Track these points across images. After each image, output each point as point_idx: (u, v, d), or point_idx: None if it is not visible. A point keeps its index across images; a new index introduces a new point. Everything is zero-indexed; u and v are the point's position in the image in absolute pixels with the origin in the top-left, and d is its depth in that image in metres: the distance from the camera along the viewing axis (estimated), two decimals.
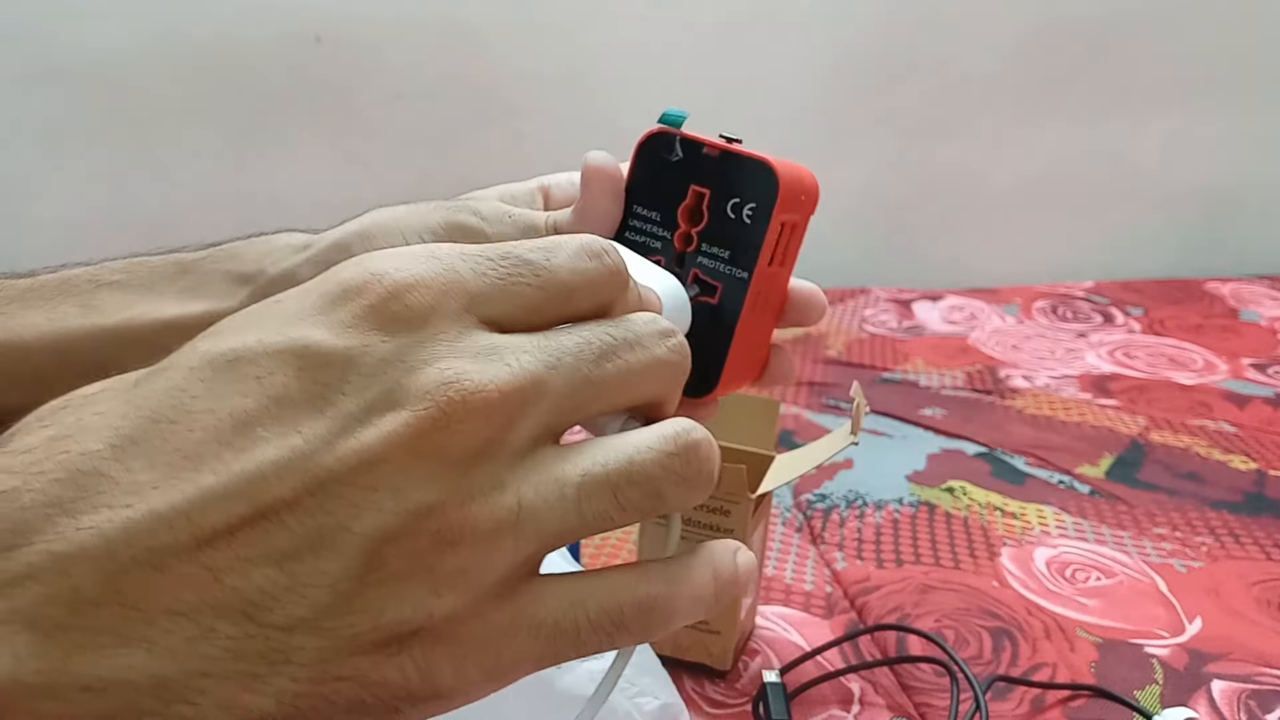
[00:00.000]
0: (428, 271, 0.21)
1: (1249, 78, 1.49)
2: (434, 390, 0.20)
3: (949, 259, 1.50)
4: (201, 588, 0.18)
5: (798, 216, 0.34)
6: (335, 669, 0.19)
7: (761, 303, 0.34)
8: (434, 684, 0.20)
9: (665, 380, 0.24)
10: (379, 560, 0.19)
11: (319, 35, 1.26)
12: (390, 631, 0.20)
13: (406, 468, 0.19)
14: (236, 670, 0.18)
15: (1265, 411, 0.98)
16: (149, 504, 0.18)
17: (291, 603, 0.19)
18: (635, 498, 0.22)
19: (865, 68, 1.42)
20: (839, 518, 0.74)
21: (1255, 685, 0.56)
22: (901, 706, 0.54)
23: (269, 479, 0.19)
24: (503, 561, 0.21)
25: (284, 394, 0.19)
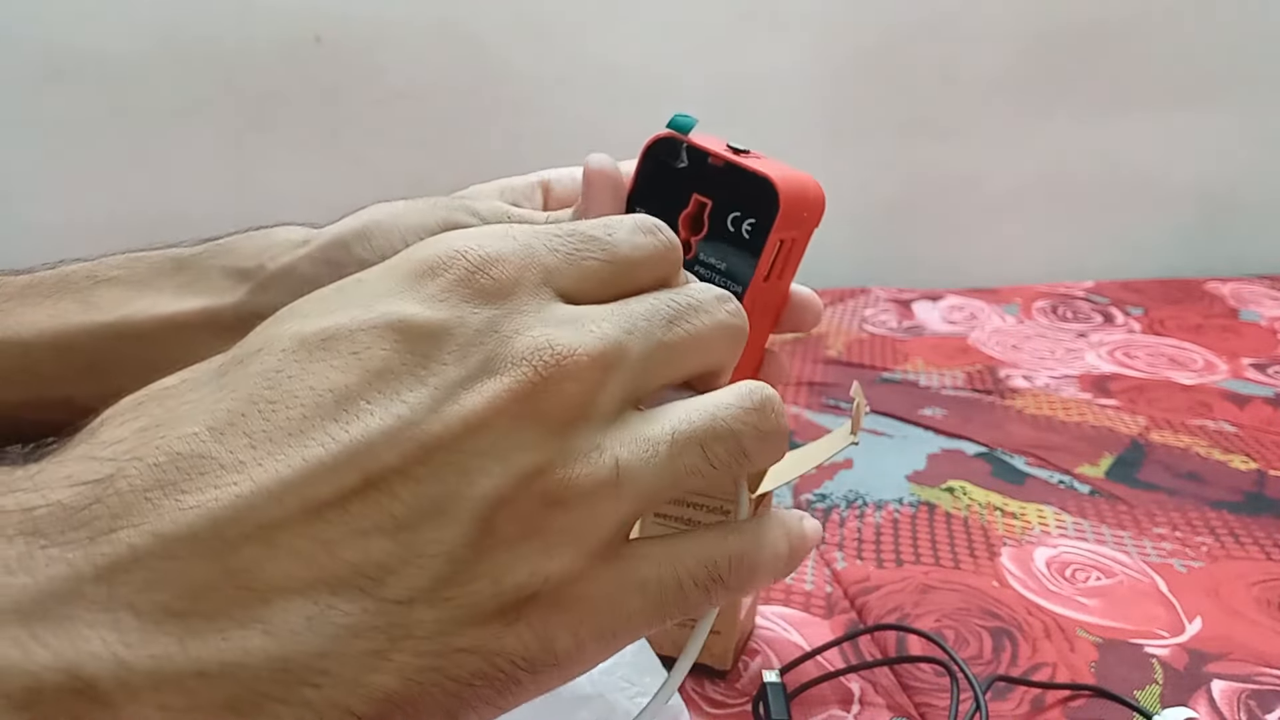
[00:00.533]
0: (507, 248, 0.22)
1: (1249, 78, 1.49)
2: (530, 355, 0.20)
3: (949, 259, 1.50)
4: (315, 563, 0.18)
5: (798, 232, 0.34)
6: (456, 640, 0.19)
7: (756, 313, 0.34)
8: (553, 650, 0.20)
9: (728, 343, 0.25)
10: (492, 525, 0.19)
11: (319, 35, 1.26)
12: (508, 598, 0.20)
13: (511, 431, 0.20)
14: (357, 648, 0.18)
15: (1265, 411, 0.98)
16: (256, 480, 0.18)
17: (409, 574, 0.18)
18: (721, 453, 0.23)
19: (865, 68, 1.42)
20: (839, 518, 0.74)
21: (1255, 685, 0.56)
22: (901, 706, 0.54)
23: (377, 448, 0.19)
24: (607, 521, 0.21)
25: (384, 366, 0.19)
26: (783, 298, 0.36)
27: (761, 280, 0.33)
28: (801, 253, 0.36)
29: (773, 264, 0.33)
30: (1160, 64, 1.47)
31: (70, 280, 0.41)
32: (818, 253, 1.41)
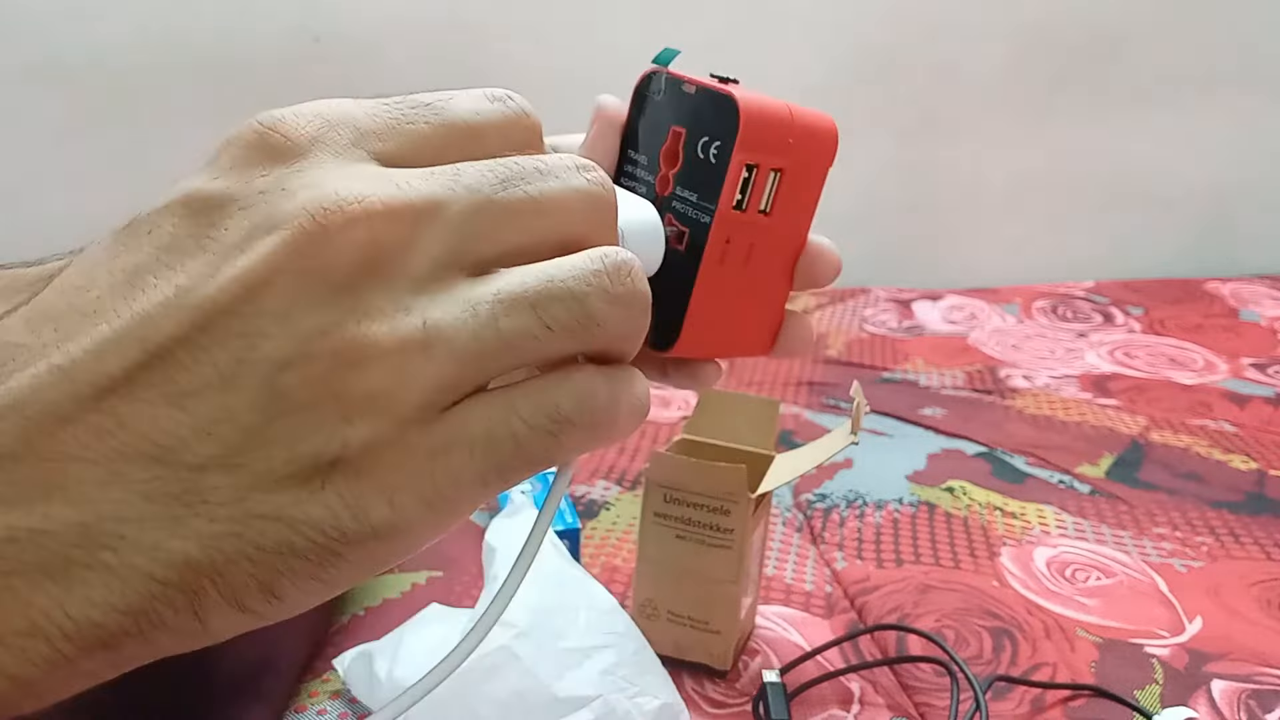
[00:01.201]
0: (311, 107, 0.21)
1: (1249, 78, 1.49)
2: (309, 205, 0.19)
3: (949, 259, 1.50)
4: (107, 434, 0.18)
5: (783, 160, 0.31)
6: (255, 506, 0.19)
7: (737, 254, 0.31)
8: (368, 519, 0.20)
9: (586, 214, 0.22)
10: (280, 389, 0.19)
11: (318, 35, 1.26)
12: (306, 463, 0.19)
13: (291, 290, 0.19)
14: (151, 513, 0.19)
15: (1265, 411, 0.98)
16: (52, 361, 0.19)
17: (198, 441, 0.19)
18: (560, 314, 0.21)
19: (865, 68, 1.42)
20: (839, 518, 0.74)
21: (1255, 685, 0.56)
22: (901, 706, 0.54)
23: (156, 319, 0.19)
24: (417, 384, 0.20)
25: (170, 241, 0.19)
26: (792, 243, 0.33)
27: (730, 208, 0.30)
28: (807, 191, 0.32)
29: (748, 192, 0.30)
30: (1161, 64, 1.47)
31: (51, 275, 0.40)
32: None
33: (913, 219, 1.51)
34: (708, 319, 0.31)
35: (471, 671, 0.43)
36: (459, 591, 0.62)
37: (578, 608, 0.47)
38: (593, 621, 0.46)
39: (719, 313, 0.32)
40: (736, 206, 0.30)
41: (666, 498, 0.54)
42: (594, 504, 0.76)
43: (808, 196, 0.33)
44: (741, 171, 0.30)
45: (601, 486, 0.79)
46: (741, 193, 0.30)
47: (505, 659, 0.43)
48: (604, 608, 0.48)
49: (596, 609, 0.47)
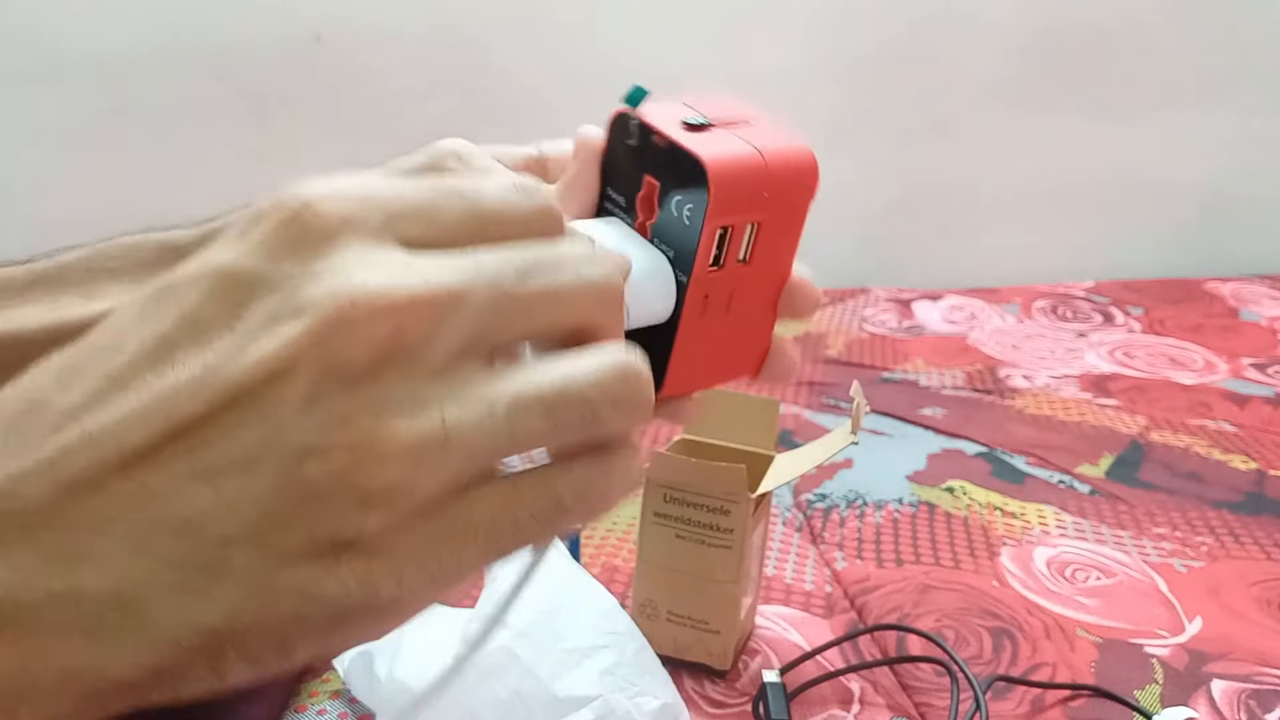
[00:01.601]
0: (342, 187, 0.21)
1: (1249, 78, 1.49)
2: (334, 295, 0.19)
3: (949, 259, 1.50)
4: (137, 504, 0.19)
5: (759, 215, 0.31)
6: (274, 581, 0.20)
7: (717, 304, 0.31)
8: (377, 595, 0.21)
9: (596, 305, 0.23)
10: (301, 476, 0.19)
11: (319, 35, 1.26)
12: (323, 545, 0.20)
13: (313, 378, 0.19)
14: (179, 582, 0.19)
15: (1265, 411, 0.98)
16: (82, 426, 0.19)
17: (224, 518, 0.19)
18: (570, 418, 0.22)
19: (865, 67, 1.42)
20: (839, 517, 0.74)
21: (1255, 685, 0.56)
22: (901, 706, 0.54)
23: (183, 396, 0.19)
24: (433, 479, 0.20)
25: (198, 315, 0.20)
26: (775, 279, 0.33)
27: (706, 269, 0.30)
28: (788, 232, 0.32)
29: (724, 248, 0.30)
30: (1160, 64, 1.47)
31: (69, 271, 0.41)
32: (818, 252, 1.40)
33: (913, 219, 1.50)
34: (692, 363, 0.32)
35: (471, 672, 0.43)
36: (459, 591, 0.62)
37: (578, 608, 0.47)
38: (593, 621, 0.46)
39: (703, 355, 0.32)
40: (714, 264, 0.31)
41: (666, 498, 0.54)
42: None
43: (789, 236, 0.33)
44: (715, 236, 0.30)
45: None
46: (718, 249, 0.31)
47: (505, 659, 0.43)
48: (604, 608, 0.48)
49: (596, 609, 0.47)
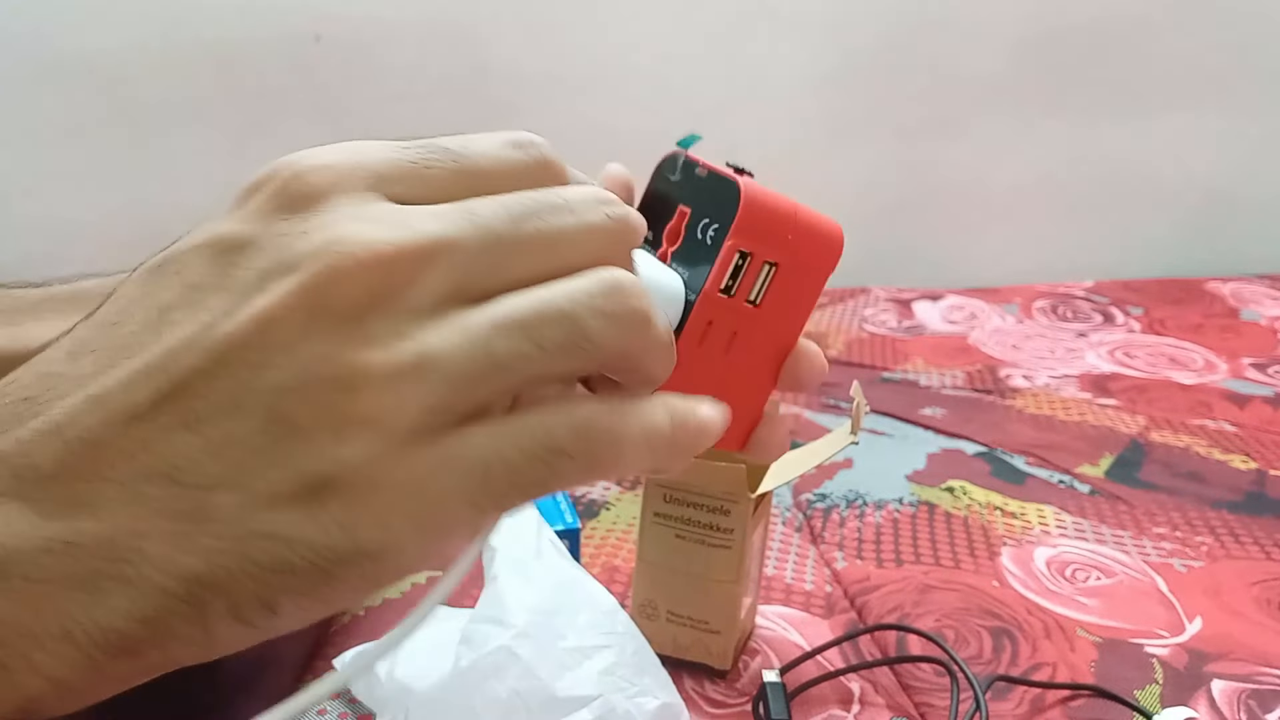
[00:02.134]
0: (332, 157, 0.22)
1: (1249, 78, 1.49)
2: (323, 250, 0.20)
3: (949, 258, 1.50)
4: (132, 457, 0.20)
5: (775, 253, 0.31)
6: (256, 525, 0.20)
7: (718, 339, 0.31)
8: (359, 540, 0.20)
9: (601, 248, 0.23)
10: (281, 412, 0.20)
11: (319, 34, 1.26)
12: (304, 484, 0.20)
13: (300, 324, 0.20)
14: (165, 529, 0.20)
15: (1265, 411, 0.98)
16: (89, 391, 0.21)
17: (208, 462, 0.20)
18: (554, 335, 0.22)
19: (865, 67, 1.42)
20: (839, 517, 0.74)
21: (1255, 685, 0.56)
22: (901, 706, 0.54)
23: (179, 353, 0.21)
24: (410, 405, 0.21)
25: (197, 280, 0.21)
26: (779, 341, 0.33)
27: (717, 291, 0.30)
28: (803, 293, 0.32)
29: (738, 278, 0.31)
30: (1160, 64, 1.47)
31: (84, 295, 0.41)
32: None
33: (913, 218, 1.50)
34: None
35: (471, 671, 0.43)
36: (459, 591, 0.62)
37: (578, 608, 0.47)
38: (593, 621, 0.46)
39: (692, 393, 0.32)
40: (725, 291, 0.31)
41: (666, 497, 0.54)
42: (594, 504, 0.76)
43: (803, 298, 0.33)
44: (734, 257, 0.30)
45: (601, 486, 0.79)
46: (732, 278, 0.31)
47: (505, 659, 0.43)
48: (604, 608, 0.48)
49: (596, 609, 0.47)
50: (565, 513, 0.64)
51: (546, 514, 0.63)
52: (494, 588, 0.46)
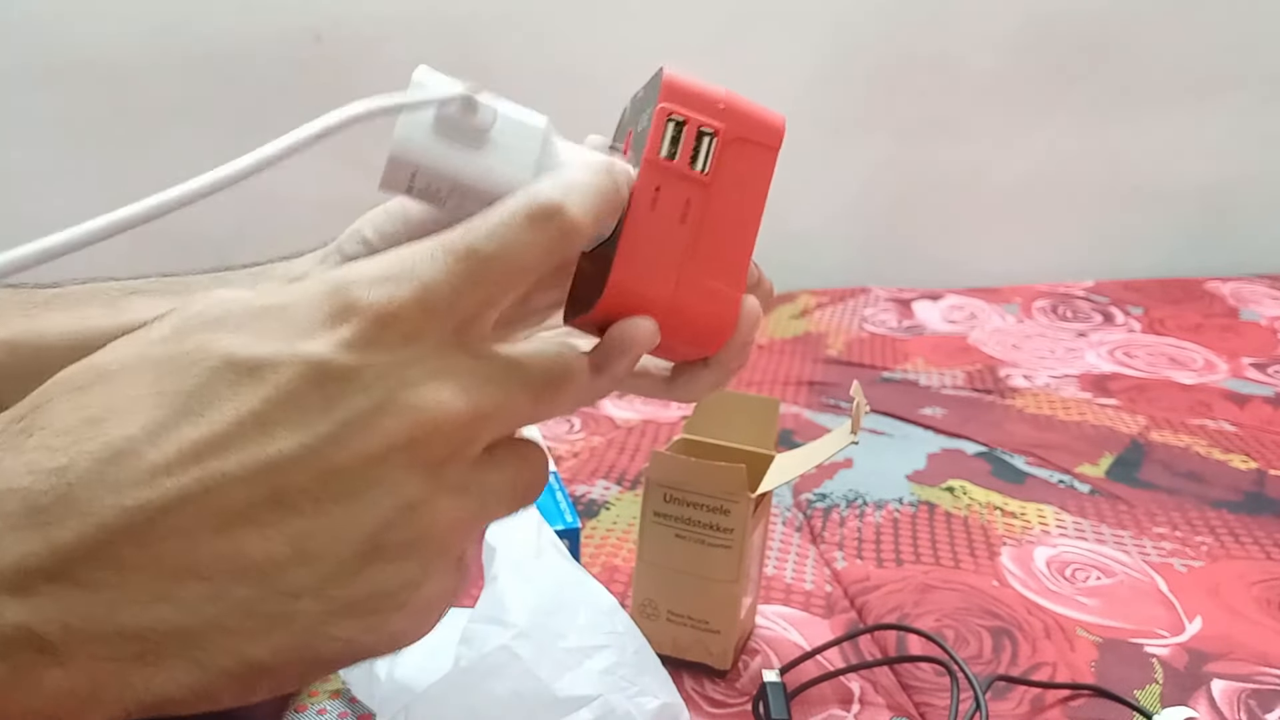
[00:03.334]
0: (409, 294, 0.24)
1: (1249, 78, 1.49)
2: (424, 404, 0.24)
3: (949, 258, 1.50)
4: (224, 557, 0.22)
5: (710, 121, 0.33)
6: (327, 629, 0.23)
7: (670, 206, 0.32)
8: (400, 644, 0.25)
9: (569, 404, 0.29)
10: (377, 541, 0.23)
11: (319, 34, 1.26)
12: (378, 600, 0.24)
13: (401, 467, 0.23)
14: (245, 626, 0.22)
15: (1265, 411, 0.98)
16: (182, 485, 0.22)
17: (301, 574, 0.23)
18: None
19: (865, 67, 1.42)
20: (839, 517, 0.74)
21: (1255, 685, 0.56)
22: (901, 706, 0.54)
23: (286, 469, 0.22)
24: (466, 544, 0.26)
25: (297, 400, 0.23)
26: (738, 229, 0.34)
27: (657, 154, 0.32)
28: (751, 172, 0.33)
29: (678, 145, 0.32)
30: (1160, 64, 1.47)
31: (101, 291, 0.42)
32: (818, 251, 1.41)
33: (913, 218, 1.51)
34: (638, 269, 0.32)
35: (471, 671, 0.43)
36: None
37: (578, 608, 0.47)
38: (593, 621, 0.46)
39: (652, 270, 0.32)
40: (667, 156, 0.32)
41: (666, 497, 0.54)
42: (594, 504, 0.76)
43: (752, 179, 0.34)
44: (665, 122, 0.32)
45: (601, 486, 0.79)
46: (672, 145, 0.32)
47: (505, 659, 0.43)
48: (604, 608, 0.48)
49: (596, 609, 0.47)
50: (565, 512, 0.64)
51: (546, 514, 0.63)
52: (494, 588, 0.46)
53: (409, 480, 0.24)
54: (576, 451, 0.86)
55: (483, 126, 0.32)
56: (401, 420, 0.23)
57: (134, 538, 0.21)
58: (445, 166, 0.32)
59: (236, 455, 0.22)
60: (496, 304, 0.26)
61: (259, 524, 0.22)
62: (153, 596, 0.21)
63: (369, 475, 0.23)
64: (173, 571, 0.21)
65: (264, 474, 0.22)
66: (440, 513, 0.24)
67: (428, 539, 0.24)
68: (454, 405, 0.24)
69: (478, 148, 0.32)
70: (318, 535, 0.23)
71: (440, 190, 0.32)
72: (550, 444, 0.86)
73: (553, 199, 0.26)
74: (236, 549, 0.22)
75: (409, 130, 0.32)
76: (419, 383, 0.24)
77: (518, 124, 0.33)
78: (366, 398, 0.23)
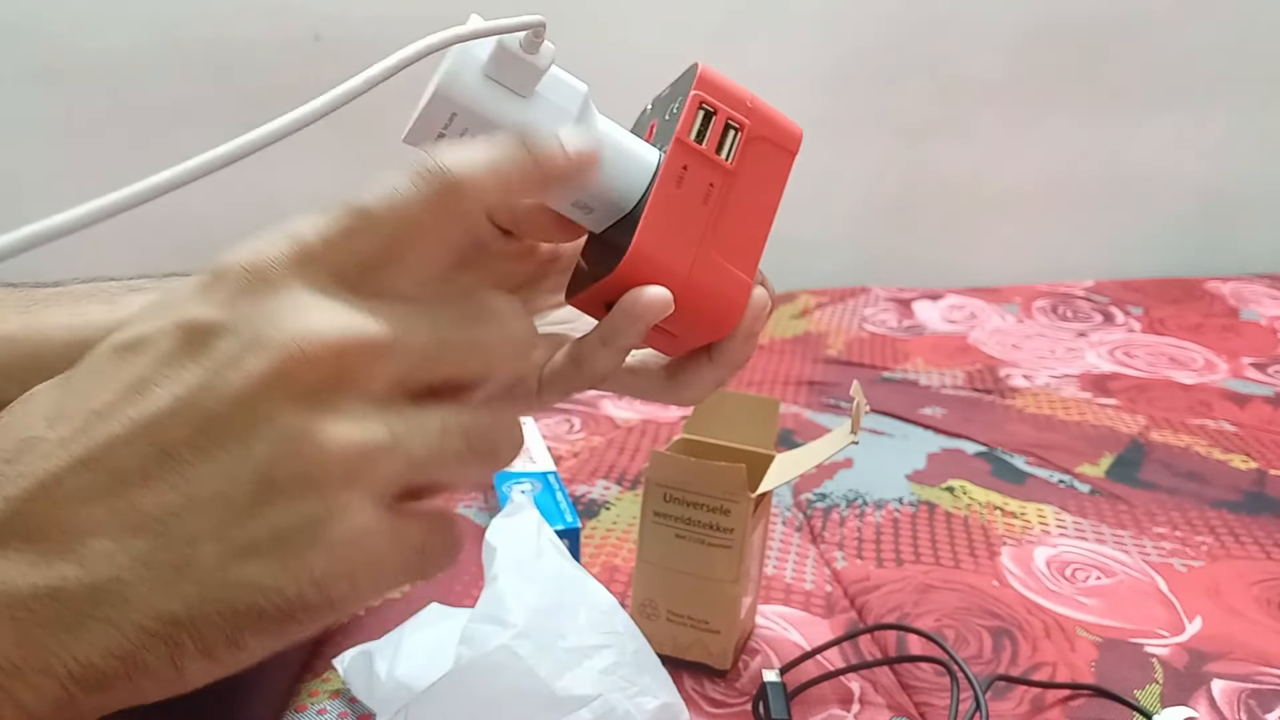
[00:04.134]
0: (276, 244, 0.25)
1: (1249, 78, 1.49)
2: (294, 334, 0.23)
3: (949, 258, 1.50)
4: (121, 514, 0.23)
5: (736, 115, 0.35)
6: (234, 574, 0.23)
7: (695, 186, 0.34)
8: (327, 592, 0.24)
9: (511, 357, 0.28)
10: (267, 477, 0.23)
11: (318, 34, 1.26)
12: (280, 538, 0.23)
13: (278, 401, 0.23)
14: (149, 577, 0.23)
15: (1265, 411, 0.98)
16: (72, 454, 0.23)
17: (193, 519, 0.23)
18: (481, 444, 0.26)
19: (866, 67, 1.42)
20: (839, 517, 0.74)
21: (1255, 685, 0.56)
22: (901, 706, 0.54)
23: (164, 423, 0.23)
24: (380, 478, 0.24)
25: (169, 358, 0.24)
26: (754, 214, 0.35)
27: (687, 136, 0.34)
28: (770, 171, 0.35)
29: (706, 132, 0.34)
30: (1160, 64, 1.47)
31: (101, 289, 0.43)
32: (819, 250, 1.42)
33: (913, 218, 1.51)
34: (661, 238, 0.33)
35: (471, 671, 0.43)
36: (459, 591, 0.62)
37: (578, 607, 0.47)
38: (593, 621, 0.46)
39: (673, 242, 0.33)
40: (695, 139, 0.34)
41: (666, 497, 0.54)
42: (594, 504, 0.76)
43: (770, 177, 0.35)
44: (697, 108, 0.34)
45: (601, 486, 0.79)
46: (701, 130, 0.34)
47: (505, 658, 0.43)
48: (604, 607, 0.48)
49: (596, 609, 0.47)
50: (565, 512, 0.64)
51: (546, 514, 0.63)
52: (494, 587, 0.46)
53: (286, 413, 0.23)
54: (576, 451, 0.86)
55: (540, 66, 0.32)
56: (268, 354, 0.23)
57: (37, 505, 0.23)
58: (488, 110, 0.32)
59: (118, 419, 0.23)
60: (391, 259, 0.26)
61: (150, 477, 0.23)
62: (58, 556, 0.22)
63: (246, 415, 0.23)
64: (74, 532, 0.23)
65: (146, 430, 0.23)
66: (329, 442, 0.23)
67: (319, 469, 0.23)
68: (324, 331, 0.24)
69: (523, 97, 0.32)
70: (206, 481, 0.23)
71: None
72: (550, 444, 0.86)
73: (442, 161, 0.26)
74: (130, 504, 0.23)
75: (460, 67, 0.33)
76: (286, 319, 0.24)
77: (562, 82, 0.33)
78: (233, 341, 0.23)
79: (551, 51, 0.32)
